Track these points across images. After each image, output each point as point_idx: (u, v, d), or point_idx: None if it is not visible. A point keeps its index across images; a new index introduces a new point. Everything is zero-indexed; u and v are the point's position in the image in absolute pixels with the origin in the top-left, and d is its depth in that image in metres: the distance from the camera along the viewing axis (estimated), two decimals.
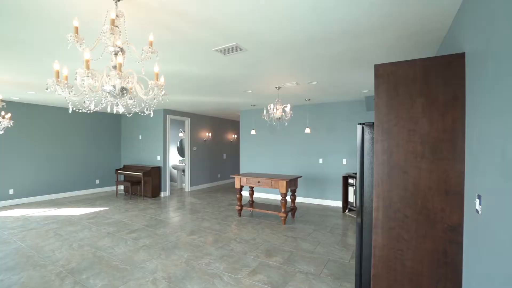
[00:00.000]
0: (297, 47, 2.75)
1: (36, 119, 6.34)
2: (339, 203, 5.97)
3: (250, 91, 4.91)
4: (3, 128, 4.89)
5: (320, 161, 6.24)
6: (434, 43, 2.63)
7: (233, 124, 10.20)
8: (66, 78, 1.68)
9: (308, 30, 2.35)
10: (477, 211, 1.31)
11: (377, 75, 1.77)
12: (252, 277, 2.70)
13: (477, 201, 1.30)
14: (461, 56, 1.56)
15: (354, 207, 5.18)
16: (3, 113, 4.21)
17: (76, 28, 1.60)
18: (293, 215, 4.92)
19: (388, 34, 2.42)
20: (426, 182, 1.62)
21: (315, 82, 4.26)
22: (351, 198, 5.36)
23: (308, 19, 2.14)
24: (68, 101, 1.71)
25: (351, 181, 5.33)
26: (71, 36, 1.56)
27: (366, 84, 4.36)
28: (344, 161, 5.94)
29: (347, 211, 5.49)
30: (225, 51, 2.85)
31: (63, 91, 1.64)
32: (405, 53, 2.91)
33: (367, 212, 2.09)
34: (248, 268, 2.90)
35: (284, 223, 4.52)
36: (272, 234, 4.01)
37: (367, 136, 2.07)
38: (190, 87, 4.60)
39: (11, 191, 5.93)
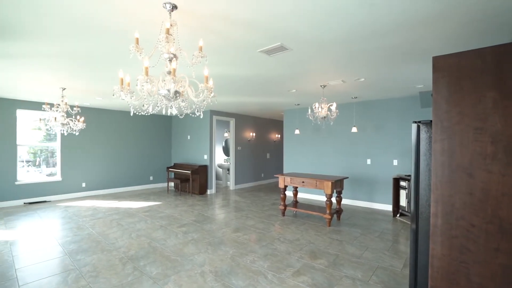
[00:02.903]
0: (344, 43, 2.64)
1: (102, 122, 7.20)
2: (388, 207, 5.57)
3: (294, 90, 4.87)
4: (78, 130, 5.67)
5: (368, 161, 5.89)
6: (508, 28, 2.29)
7: (277, 124, 10.22)
8: (129, 84, 1.88)
9: (355, 24, 2.24)
10: None
11: (436, 68, 1.61)
12: (296, 277, 2.68)
13: None
14: None
15: (407, 211, 4.78)
16: (78, 117, 4.88)
17: (137, 39, 1.78)
18: (338, 217, 4.74)
19: (449, 21, 2.18)
20: (498, 187, 1.42)
21: (363, 79, 4.05)
22: (402, 202, 4.95)
23: (355, 13, 2.05)
24: (129, 105, 1.92)
25: (403, 183, 4.92)
26: (132, 46, 1.75)
27: (420, 78, 3.99)
28: (395, 162, 5.52)
29: (398, 215, 5.09)
30: (270, 52, 2.88)
31: (126, 96, 1.84)
32: (467, 42, 2.59)
33: (423, 218, 1.92)
34: (292, 268, 2.89)
35: (329, 225, 4.38)
36: (317, 236, 3.92)
37: (423, 136, 1.90)
38: (236, 88, 4.75)
39: (83, 184, 6.85)
